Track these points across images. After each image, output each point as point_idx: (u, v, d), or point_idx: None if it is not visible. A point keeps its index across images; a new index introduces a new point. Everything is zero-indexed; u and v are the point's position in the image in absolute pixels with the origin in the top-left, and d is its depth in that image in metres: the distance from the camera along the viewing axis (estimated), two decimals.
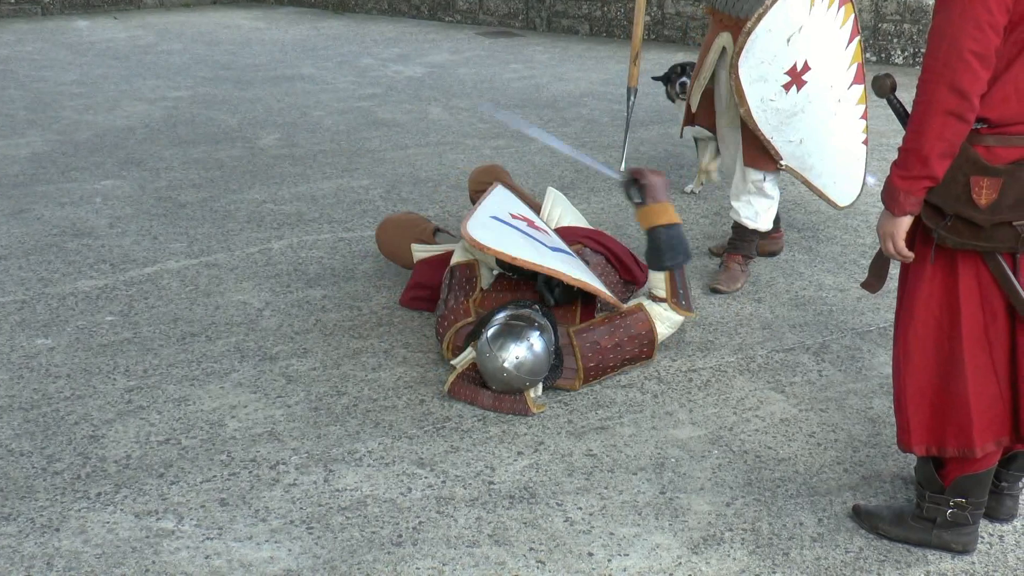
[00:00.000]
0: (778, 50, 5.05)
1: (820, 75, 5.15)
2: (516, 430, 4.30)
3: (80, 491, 3.85)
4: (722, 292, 5.62)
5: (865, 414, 4.45)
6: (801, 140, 5.26)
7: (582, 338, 4.60)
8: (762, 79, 5.11)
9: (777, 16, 5.00)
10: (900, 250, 3.22)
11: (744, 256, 5.77)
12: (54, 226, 6.52)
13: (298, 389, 4.60)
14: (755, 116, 5.20)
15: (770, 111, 5.19)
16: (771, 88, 5.13)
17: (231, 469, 4.01)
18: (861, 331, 5.20)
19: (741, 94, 5.16)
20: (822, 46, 5.10)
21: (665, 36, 13.10)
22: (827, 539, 3.63)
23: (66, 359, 4.85)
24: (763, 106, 5.17)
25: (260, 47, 12.77)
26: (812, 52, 5.08)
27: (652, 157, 8.18)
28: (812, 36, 5.05)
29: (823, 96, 5.20)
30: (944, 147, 3.00)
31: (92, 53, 12.09)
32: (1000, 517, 3.71)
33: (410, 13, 15.12)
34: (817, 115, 5.24)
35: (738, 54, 5.09)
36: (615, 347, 4.62)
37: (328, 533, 3.63)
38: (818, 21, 5.03)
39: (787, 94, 5.13)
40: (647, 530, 3.67)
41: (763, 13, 4.99)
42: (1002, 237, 3.10)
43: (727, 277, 5.70)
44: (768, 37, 5.02)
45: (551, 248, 4.75)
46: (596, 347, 4.59)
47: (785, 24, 5.01)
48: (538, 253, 4.59)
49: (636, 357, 4.71)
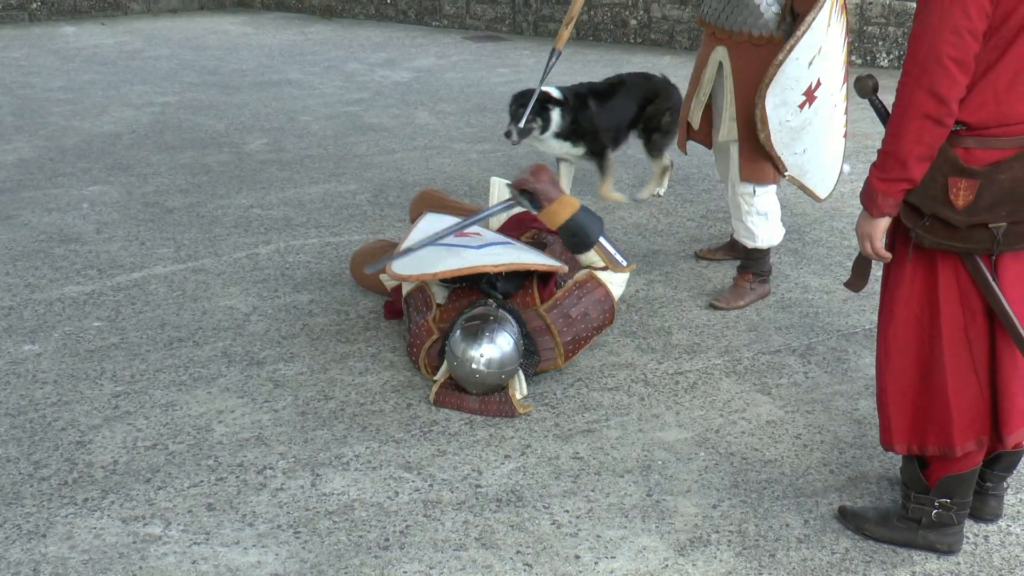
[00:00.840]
0: (800, 74, 4.98)
1: (827, 88, 5.11)
2: (503, 433, 4.31)
3: (67, 497, 3.85)
4: (720, 309, 5.52)
5: (851, 415, 4.46)
6: (805, 150, 5.20)
7: (553, 315, 4.65)
8: (784, 104, 5.04)
9: (803, 45, 4.92)
10: (878, 251, 3.24)
11: (755, 274, 5.63)
12: (41, 232, 6.52)
13: (285, 394, 4.60)
14: (773, 139, 5.13)
15: (784, 130, 5.12)
16: (789, 110, 5.07)
17: (218, 474, 4.01)
18: (847, 333, 5.21)
19: (765, 121, 5.07)
20: (831, 60, 5.05)
21: (652, 40, 13.12)
22: (813, 540, 3.64)
23: (53, 365, 4.84)
24: (780, 128, 5.11)
25: (247, 52, 12.77)
26: (825, 69, 5.02)
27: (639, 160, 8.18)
28: (826, 53, 5.00)
29: (826, 106, 5.16)
30: (922, 150, 3.02)
31: (79, 59, 12.08)
32: (985, 517, 3.72)
33: (397, 18, 15.12)
34: (821, 125, 5.18)
35: (767, 85, 4.98)
36: (583, 316, 4.67)
37: (315, 537, 3.63)
38: (832, 39, 5.00)
39: (800, 112, 5.08)
40: (634, 532, 3.68)
41: (794, 44, 4.89)
42: (978, 238, 3.12)
43: (732, 295, 5.59)
44: (795, 65, 4.95)
45: (477, 247, 4.76)
46: (568, 319, 4.64)
47: (808, 49, 4.94)
48: (459, 258, 4.62)
49: (602, 324, 4.76)
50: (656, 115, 6.75)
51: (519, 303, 4.77)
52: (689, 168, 7.89)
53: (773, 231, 5.54)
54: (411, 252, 4.70)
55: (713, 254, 6.19)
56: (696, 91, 5.50)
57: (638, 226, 6.70)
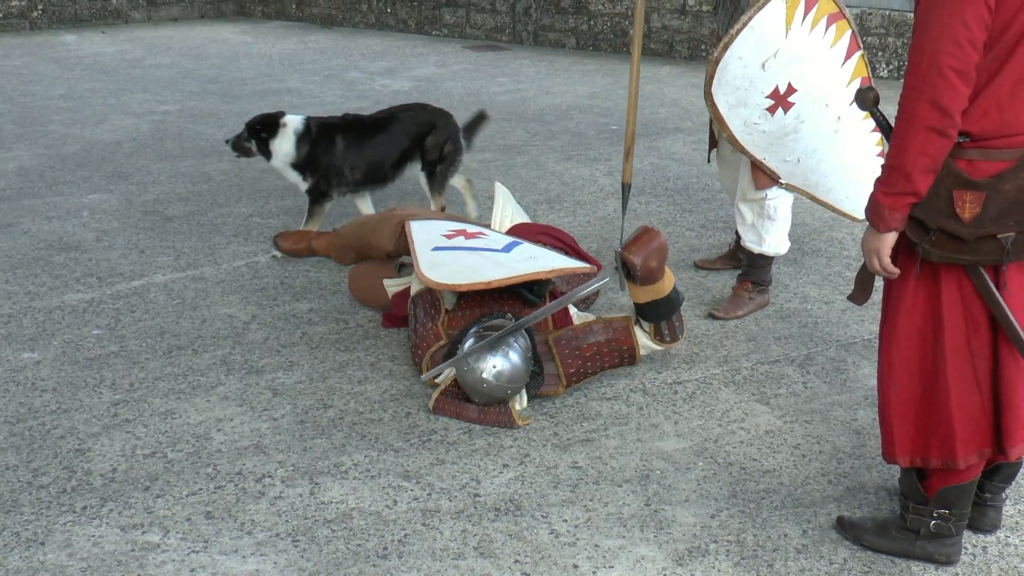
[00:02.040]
0: (753, 75, 5.03)
1: (809, 95, 5.12)
2: (501, 442, 4.31)
3: (66, 505, 3.85)
4: (719, 319, 5.51)
5: (850, 426, 4.46)
6: (799, 159, 5.21)
7: (560, 344, 4.62)
8: (742, 104, 5.09)
9: (746, 44, 4.97)
10: (885, 266, 3.24)
11: (754, 283, 5.62)
12: (41, 240, 6.52)
13: (284, 402, 4.60)
14: (740, 139, 5.17)
15: (756, 134, 5.16)
16: (753, 112, 5.11)
17: (217, 482, 4.01)
18: (846, 343, 5.22)
19: (720, 119, 5.15)
20: (809, 67, 5.06)
21: (651, 50, 13.14)
22: (811, 551, 3.64)
23: (52, 373, 4.85)
24: (747, 129, 5.15)
25: (247, 61, 12.79)
26: (795, 74, 5.05)
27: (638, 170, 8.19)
28: (793, 59, 5.02)
29: (817, 116, 5.16)
30: (927, 163, 3.02)
31: (80, 67, 12.10)
32: (983, 528, 3.72)
33: (397, 27, 15.14)
34: (815, 134, 5.20)
35: (709, 83, 5.07)
36: (594, 356, 4.65)
37: (314, 546, 3.63)
38: (799, 43, 5.00)
39: (772, 116, 5.10)
40: (632, 542, 3.68)
41: (728, 42, 4.97)
42: (986, 250, 3.12)
43: (730, 304, 5.58)
44: (739, 63, 5.00)
45: (502, 249, 4.77)
46: (576, 353, 4.61)
47: (757, 50, 4.99)
48: (498, 264, 4.62)
49: (616, 365, 4.75)
50: (436, 146, 6.54)
51: (535, 325, 4.75)
52: (688, 178, 7.90)
53: (780, 239, 5.54)
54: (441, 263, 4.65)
55: (712, 264, 6.20)
56: None
57: None
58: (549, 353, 4.62)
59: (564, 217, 7.03)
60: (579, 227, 6.78)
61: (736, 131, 5.16)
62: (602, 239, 6.60)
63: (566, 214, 7.09)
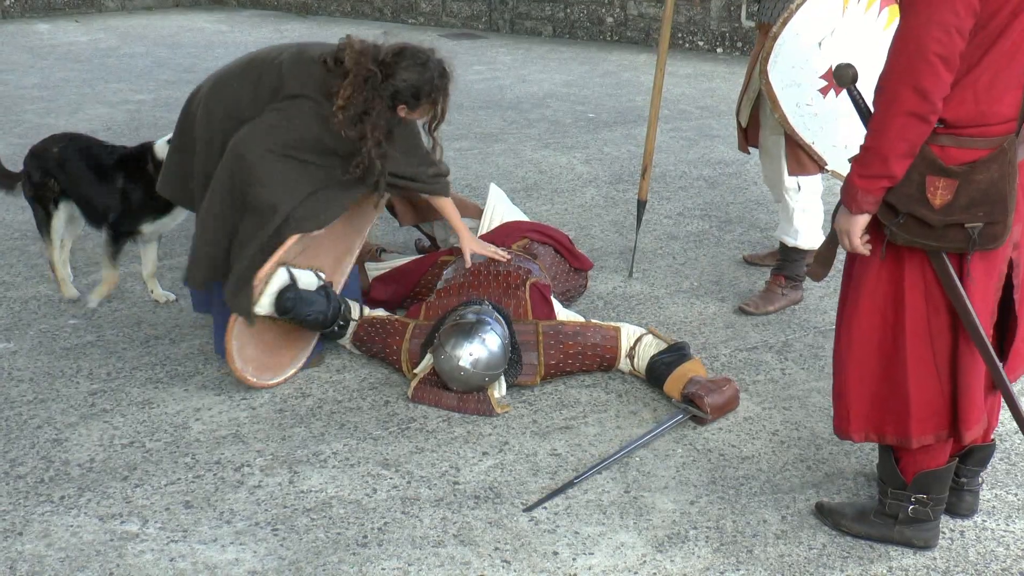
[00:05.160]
0: (809, 54, 4.96)
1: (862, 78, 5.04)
2: (481, 430, 4.31)
3: (43, 495, 3.83)
4: (749, 313, 5.44)
5: (827, 412, 4.46)
6: (846, 146, 5.01)
7: (548, 335, 4.62)
8: (795, 84, 5.01)
9: (804, 19, 4.91)
10: (856, 247, 3.24)
11: (787, 277, 5.54)
12: (15, 230, 6.49)
13: (262, 391, 4.59)
14: (791, 121, 5.08)
15: (807, 116, 5.07)
16: (806, 93, 5.03)
17: (196, 471, 4.00)
18: (823, 329, 5.23)
19: (774, 99, 5.05)
20: (862, 49, 4.85)
21: (628, 38, 13.14)
22: (790, 536, 3.66)
23: (29, 363, 4.82)
24: (799, 111, 5.06)
25: (223, 50, 12.73)
26: (849, 55, 4.95)
27: (615, 158, 8.21)
28: (848, 39, 4.93)
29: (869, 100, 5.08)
30: (905, 147, 3.02)
31: (53, 56, 12.02)
32: (961, 513, 3.74)
33: (373, 15, 15.11)
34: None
35: (766, 59, 5.00)
36: (576, 355, 4.65)
37: (293, 534, 3.62)
38: (855, 23, 4.93)
39: (824, 99, 5.04)
40: (612, 529, 3.68)
41: (788, 17, 4.90)
42: (953, 238, 3.13)
43: (762, 299, 5.50)
44: (796, 41, 4.94)
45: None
46: (560, 347, 4.61)
47: (814, 27, 4.92)
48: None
49: (592, 369, 4.75)
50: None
51: (512, 312, 4.76)
52: (666, 166, 7.91)
53: (815, 232, 5.43)
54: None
55: (763, 259, 6.10)
56: (747, 89, 5.47)
57: (615, 223, 6.71)
58: (533, 343, 4.61)
59: (542, 205, 7.03)
60: (557, 215, 6.78)
61: (788, 112, 5.06)
62: (580, 227, 6.61)
63: (544, 202, 7.08)
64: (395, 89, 4.38)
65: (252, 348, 4.53)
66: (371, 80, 4.34)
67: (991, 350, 3.26)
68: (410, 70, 4.40)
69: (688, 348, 4.65)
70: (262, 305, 4.43)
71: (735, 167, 7.99)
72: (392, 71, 4.38)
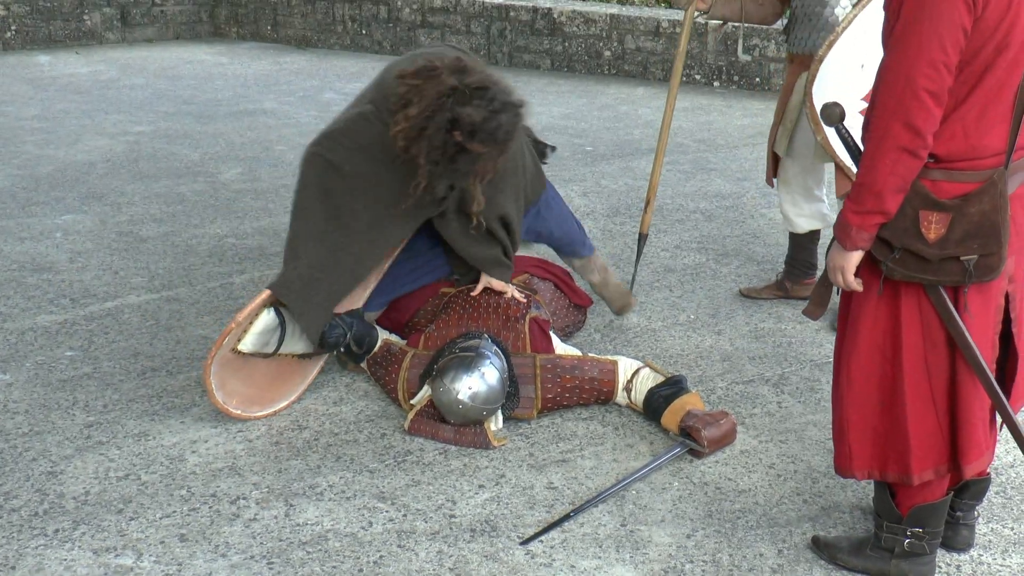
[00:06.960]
0: (852, 77, 4.96)
1: None
2: (477, 463, 4.31)
3: (37, 528, 3.82)
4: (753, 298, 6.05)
5: (824, 445, 4.47)
6: None
7: (545, 369, 4.62)
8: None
9: (848, 43, 4.93)
10: (849, 284, 3.26)
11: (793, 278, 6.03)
12: (13, 261, 6.49)
13: (259, 423, 4.58)
14: (832, 144, 5.08)
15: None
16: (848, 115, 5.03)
17: (191, 504, 3.99)
18: (820, 363, 5.23)
19: (817, 121, 5.06)
20: None
21: (626, 71, 13.19)
22: (787, 570, 3.65)
23: (24, 395, 4.82)
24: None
25: (222, 82, 12.77)
26: None
27: (613, 191, 8.23)
28: None
29: None
30: (897, 183, 3.04)
31: (53, 88, 12.05)
32: (957, 547, 3.74)
33: (372, 48, 15.16)
34: None
35: (811, 82, 5.03)
36: (574, 389, 4.64)
37: (289, 568, 3.62)
38: None
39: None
40: (608, 562, 3.68)
41: (834, 40, 4.94)
42: (949, 271, 3.15)
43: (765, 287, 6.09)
44: (840, 64, 4.97)
45: None
46: (557, 381, 4.61)
47: (857, 50, 4.92)
48: None
49: (589, 403, 4.74)
50: None
51: (510, 345, 4.77)
52: (663, 199, 7.91)
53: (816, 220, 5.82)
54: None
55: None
56: (783, 120, 5.53)
57: (612, 256, 6.72)
58: (530, 376, 4.61)
59: None
60: None
61: (830, 135, 5.06)
62: None
63: None
64: (456, 116, 4.22)
65: (236, 382, 4.54)
66: (443, 95, 4.24)
67: (993, 381, 3.26)
68: (480, 109, 4.23)
69: (685, 381, 4.65)
70: (246, 343, 4.45)
71: (732, 200, 8.00)
72: (466, 100, 4.24)
